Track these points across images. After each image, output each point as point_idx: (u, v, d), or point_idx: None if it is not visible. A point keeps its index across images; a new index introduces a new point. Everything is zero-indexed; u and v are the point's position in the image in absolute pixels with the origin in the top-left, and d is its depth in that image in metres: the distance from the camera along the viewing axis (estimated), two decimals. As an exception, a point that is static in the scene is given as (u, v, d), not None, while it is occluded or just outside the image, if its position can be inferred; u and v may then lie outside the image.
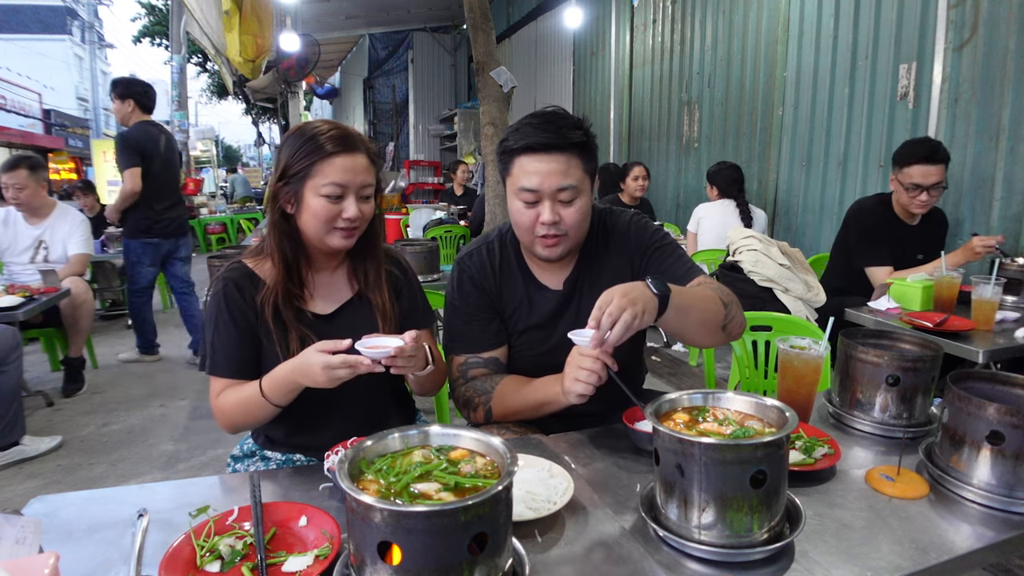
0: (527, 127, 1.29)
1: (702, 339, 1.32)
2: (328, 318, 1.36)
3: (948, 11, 3.11)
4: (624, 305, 1.06)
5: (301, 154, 1.25)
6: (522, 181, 1.29)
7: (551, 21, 8.03)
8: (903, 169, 2.51)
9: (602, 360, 1.14)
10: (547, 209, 1.28)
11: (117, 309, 5.51)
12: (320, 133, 1.26)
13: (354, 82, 14.27)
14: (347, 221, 1.26)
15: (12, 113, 21.11)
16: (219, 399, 1.28)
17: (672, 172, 5.78)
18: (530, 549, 0.85)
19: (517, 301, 1.43)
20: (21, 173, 3.49)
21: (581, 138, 1.29)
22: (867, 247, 2.64)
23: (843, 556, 0.85)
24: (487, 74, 4.49)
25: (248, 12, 8.16)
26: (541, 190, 1.28)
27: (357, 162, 1.27)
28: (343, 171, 1.24)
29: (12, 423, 2.74)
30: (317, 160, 1.24)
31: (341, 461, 0.75)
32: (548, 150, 1.27)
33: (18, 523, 0.76)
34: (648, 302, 1.09)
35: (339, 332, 1.32)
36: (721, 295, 1.30)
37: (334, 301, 1.38)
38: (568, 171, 1.28)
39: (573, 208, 1.30)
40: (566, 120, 1.30)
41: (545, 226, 1.29)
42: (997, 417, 0.96)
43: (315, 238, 1.29)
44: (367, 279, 1.39)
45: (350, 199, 1.26)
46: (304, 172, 1.25)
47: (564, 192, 1.28)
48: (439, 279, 3.13)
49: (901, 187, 2.54)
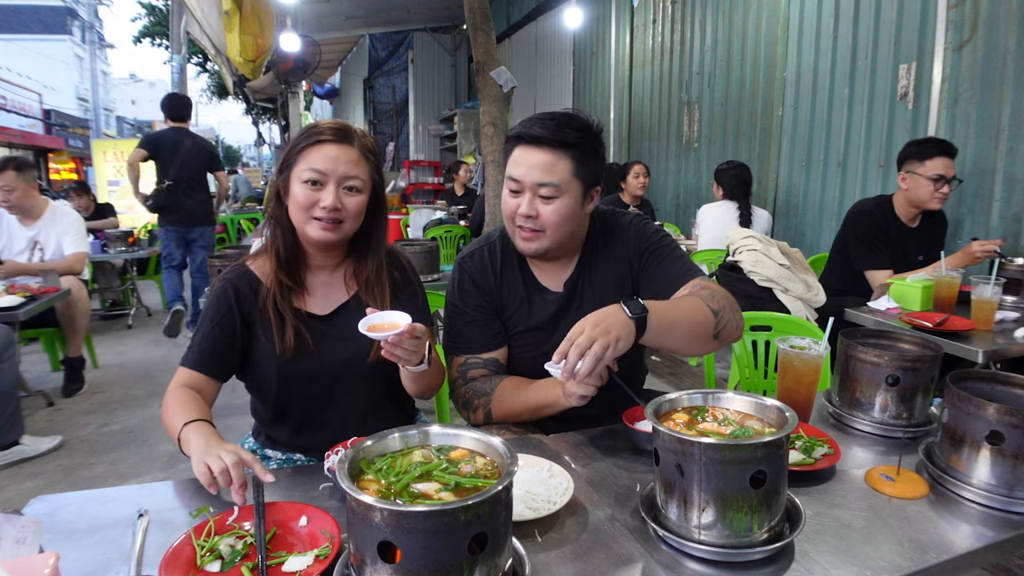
0: (531, 120, 1.30)
1: (692, 350, 1.30)
2: (325, 319, 1.35)
3: (948, 11, 3.11)
4: (594, 336, 1.03)
5: (296, 142, 1.27)
6: (510, 170, 1.32)
7: (551, 21, 8.03)
8: (924, 162, 2.51)
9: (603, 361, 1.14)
10: (526, 202, 1.30)
11: (117, 309, 5.51)
12: (316, 125, 1.27)
13: (354, 82, 14.27)
14: (324, 210, 1.23)
15: (12, 113, 21.11)
16: (168, 393, 1.23)
17: (672, 172, 5.78)
18: (530, 549, 0.85)
19: (517, 302, 1.43)
20: (9, 175, 3.46)
21: (575, 139, 1.28)
22: (866, 250, 2.64)
23: (843, 556, 0.85)
24: (487, 74, 4.49)
25: (248, 12, 8.16)
26: (523, 181, 1.29)
27: (344, 152, 1.25)
28: (325, 159, 1.23)
29: (11, 422, 2.73)
30: (304, 147, 1.24)
31: (341, 461, 0.75)
32: (539, 144, 1.28)
33: (18, 523, 0.76)
34: (622, 328, 1.06)
35: (335, 333, 1.33)
36: (711, 302, 1.25)
37: (332, 302, 1.37)
38: (553, 168, 1.28)
39: (551, 207, 1.30)
40: (570, 121, 1.30)
41: (521, 217, 1.31)
42: (997, 417, 0.96)
43: (299, 229, 1.28)
44: (367, 282, 1.37)
45: (329, 188, 1.24)
46: (293, 160, 1.26)
47: (545, 188, 1.28)
48: (439, 279, 3.13)
49: (921, 181, 2.52)
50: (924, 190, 2.53)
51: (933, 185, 2.50)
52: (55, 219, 3.72)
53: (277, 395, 1.33)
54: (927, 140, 2.60)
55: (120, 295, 5.48)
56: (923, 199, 2.56)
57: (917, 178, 2.54)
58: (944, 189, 2.50)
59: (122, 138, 26.01)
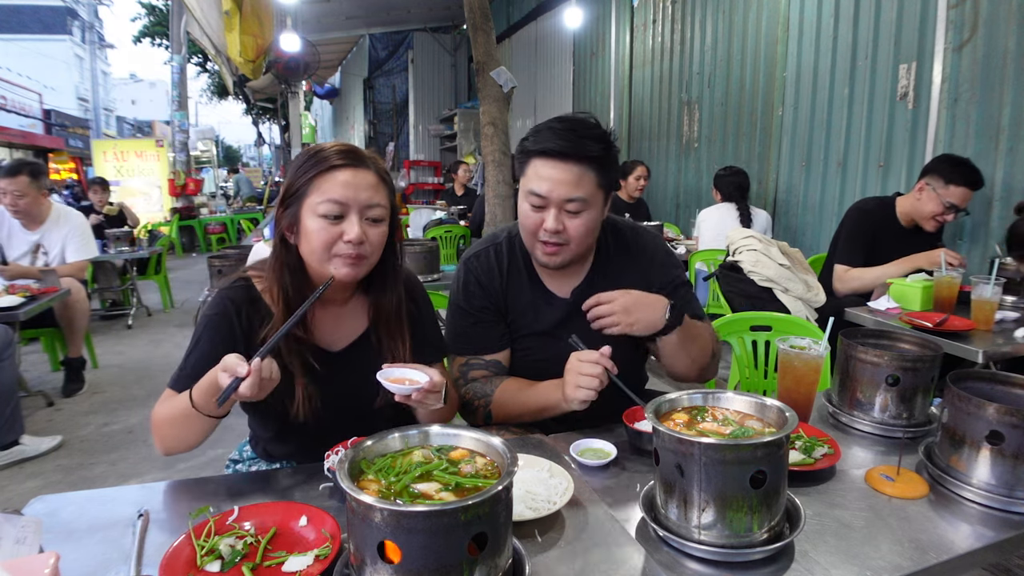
0: (548, 131, 1.26)
1: (681, 371, 1.39)
2: (337, 355, 1.24)
3: (948, 11, 3.11)
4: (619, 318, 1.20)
5: (302, 171, 1.12)
6: (532, 185, 1.27)
7: (551, 21, 8.03)
8: (948, 187, 2.44)
9: (602, 364, 1.14)
10: (552, 217, 1.27)
11: (117, 309, 5.51)
12: (323, 148, 1.15)
13: (354, 82, 14.28)
14: (349, 245, 1.10)
15: (12, 113, 21.11)
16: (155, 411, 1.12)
17: (672, 172, 5.78)
18: (530, 549, 0.85)
19: (523, 306, 1.42)
20: (22, 180, 3.42)
21: (599, 152, 1.25)
22: (847, 246, 2.64)
23: (843, 556, 0.85)
24: (487, 74, 4.49)
25: (248, 12, 8.17)
26: (549, 197, 1.26)
27: (361, 177, 1.12)
28: (343, 186, 1.10)
29: (10, 422, 2.73)
30: (315, 175, 1.10)
31: (341, 461, 0.75)
32: (563, 158, 1.24)
33: (18, 523, 0.76)
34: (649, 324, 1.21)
35: (349, 370, 1.24)
36: (715, 345, 1.41)
37: (344, 337, 1.25)
38: (580, 183, 1.25)
39: (579, 220, 1.28)
40: (589, 130, 1.26)
41: (547, 232, 1.28)
42: (997, 417, 0.96)
43: (317, 267, 1.14)
44: (386, 317, 1.25)
45: (352, 219, 1.10)
46: (302, 191, 1.11)
47: (572, 203, 1.26)
48: (439, 279, 3.13)
49: (936, 200, 2.47)
50: (930, 210, 2.50)
51: (942, 210, 2.48)
52: (60, 223, 3.68)
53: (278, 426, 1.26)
54: (961, 164, 2.47)
55: (120, 295, 5.48)
56: (924, 217, 2.54)
57: (933, 196, 2.49)
58: (948, 217, 2.49)
59: (122, 138, 26.06)
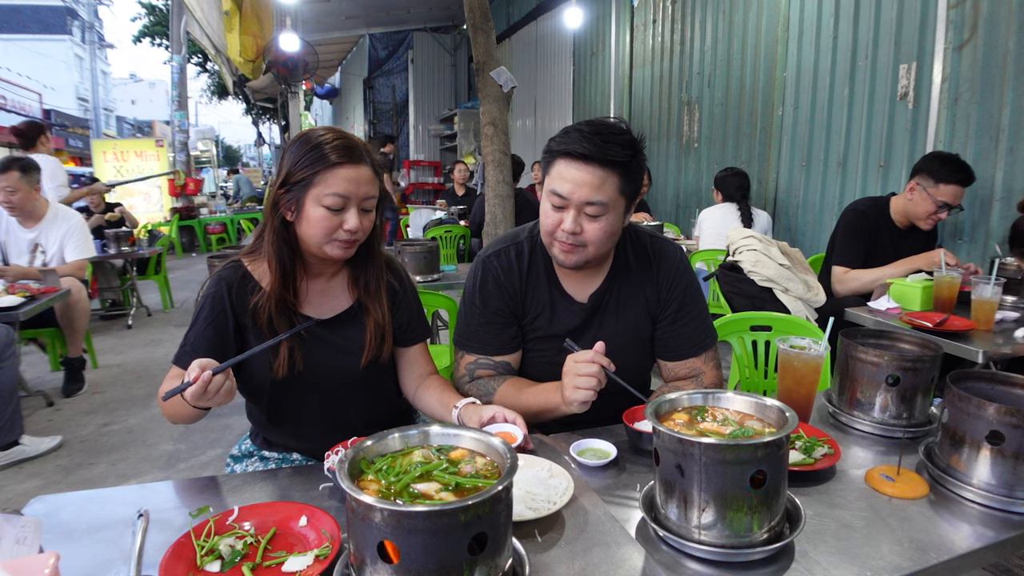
0: (576, 132, 1.26)
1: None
2: (323, 323, 1.33)
3: (948, 11, 3.11)
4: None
5: (305, 162, 1.22)
6: (554, 185, 1.28)
7: (551, 21, 8.03)
8: (938, 185, 2.45)
9: (598, 362, 1.14)
10: (570, 218, 1.27)
11: (117, 309, 5.51)
12: (325, 142, 1.23)
13: (354, 82, 14.28)
14: (347, 233, 1.24)
15: (12, 113, 21.10)
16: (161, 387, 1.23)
17: (672, 172, 5.78)
18: (530, 549, 0.85)
19: (540, 308, 1.42)
20: (12, 175, 3.43)
21: (624, 158, 1.25)
22: (843, 247, 2.64)
23: (843, 556, 0.85)
24: (487, 74, 4.49)
25: (248, 12, 8.17)
26: (570, 198, 1.26)
27: (361, 173, 1.24)
28: (346, 182, 1.22)
29: (10, 422, 2.73)
30: (320, 169, 1.21)
31: (341, 461, 0.75)
32: (587, 160, 1.24)
33: (18, 523, 0.76)
34: None
35: (334, 338, 1.33)
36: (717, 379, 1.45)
37: (330, 309, 1.36)
38: (602, 187, 1.25)
39: (597, 224, 1.27)
40: (616, 135, 1.25)
41: (565, 233, 1.28)
42: (997, 417, 0.96)
43: (314, 247, 1.27)
44: (367, 289, 1.37)
45: (352, 211, 1.24)
46: (307, 181, 1.22)
47: (592, 206, 1.26)
48: (439, 279, 3.12)
49: (928, 200, 2.48)
50: (923, 209, 2.51)
51: (935, 208, 2.48)
52: (57, 221, 3.68)
53: (270, 400, 1.33)
54: (950, 161, 2.47)
55: (120, 295, 5.47)
56: (919, 217, 2.55)
57: (924, 196, 2.49)
58: (943, 215, 2.49)
59: (122, 138, 26.04)
